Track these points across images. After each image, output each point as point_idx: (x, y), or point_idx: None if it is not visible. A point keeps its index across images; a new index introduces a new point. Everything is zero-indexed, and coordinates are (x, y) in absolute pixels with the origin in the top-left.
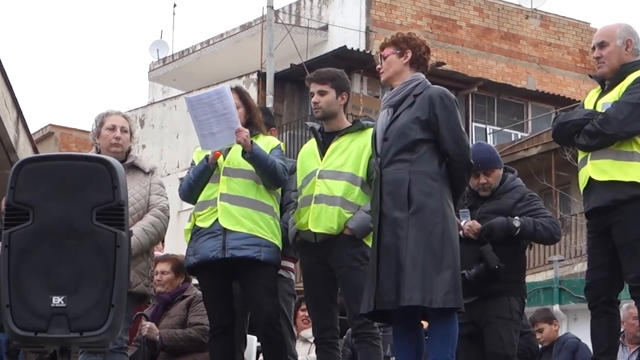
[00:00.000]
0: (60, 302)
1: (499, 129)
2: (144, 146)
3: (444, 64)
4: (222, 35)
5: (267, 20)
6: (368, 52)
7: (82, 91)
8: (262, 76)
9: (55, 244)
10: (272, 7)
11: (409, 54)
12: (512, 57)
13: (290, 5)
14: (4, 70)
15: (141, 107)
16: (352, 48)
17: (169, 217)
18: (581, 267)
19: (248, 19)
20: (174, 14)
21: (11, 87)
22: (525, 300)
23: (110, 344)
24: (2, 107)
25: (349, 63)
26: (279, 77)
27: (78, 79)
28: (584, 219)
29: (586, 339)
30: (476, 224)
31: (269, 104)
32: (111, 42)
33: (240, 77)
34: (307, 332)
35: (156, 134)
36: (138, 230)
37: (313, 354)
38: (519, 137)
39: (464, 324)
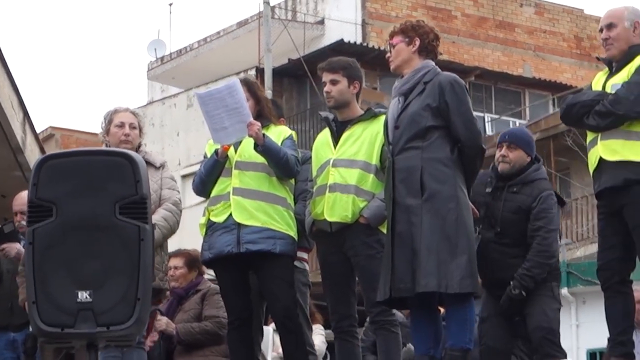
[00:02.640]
0: (86, 297)
1: (496, 117)
2: (145, 145)
3: (440, 54)
4: (219, 32)
5: (264, 16)
6: (365, 44)
7: (81, 93)
8: (260, 72)
9: (79, 240)
10: (269, 2)
11: (417, 42)
12: (507, 45)
13: (286, 1)
14: (9, 71)
15: (140, 106)
16: (349, 41)
17: (181, 211)
18: (584, 251)
19: (244, 16)
20: (170, 12)
21: (17, 88)
22: None
23: (137, 337)
24: (9, 108)
25: (346, 56)
26: (277, 72)
27: (77, 81)
28: (585, 203)
29: (595, 321)
30: None
31: None
32: (109, 42)
33: (238, 73)
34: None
35: (156, 132)
36: None
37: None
38: (517, 124)
39: (495, 303)
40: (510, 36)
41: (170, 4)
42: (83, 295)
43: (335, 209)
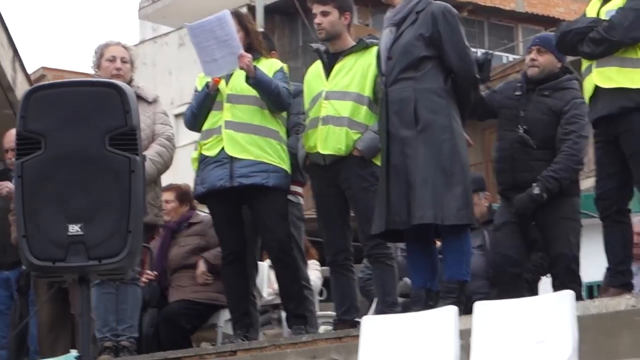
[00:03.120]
0: (77, 230)
1: (490, 52)
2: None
3: None
4: None
5: None
6: None
7: (73, 33)
8: (251, 9)
9: (68, 172)
10: None
11: None
12: None
13: None
14: None
15: (132, 45)
16: None
17: (174, 146)
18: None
19: None
20: None
21: (6, 26)
22: None
23: (129, 270)
24: None
25: None
26: (269, 10)
27: (68, 21)
28: None
29: (593, 254)
30: None
31: None
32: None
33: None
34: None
35: (148, 72)
36: None
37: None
38: (511, 59)
39: (511, 211)
40: None
41: None
42: (74, 229)
43: (328, 141)
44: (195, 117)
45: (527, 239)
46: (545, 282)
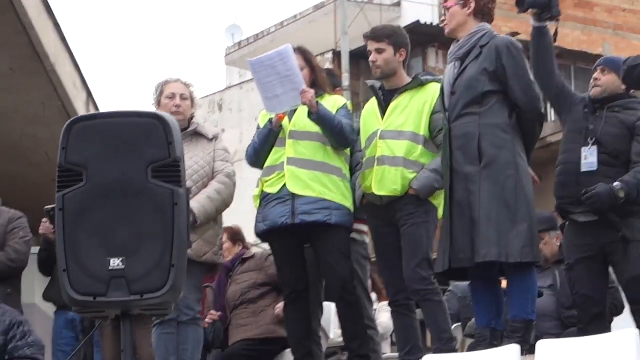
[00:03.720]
0: (118, 264)
1: None
2: (223, 130)
3: (519, 33)
4: (295, 16)
5: None
6: (442, 25)
7: (158, 77)
8: (337, 55)
9: (110, 205)
10: None
11: (473, 4)
12: (587, 24)
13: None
14: (71, 51)
15: (219, 91)
16: (426, 22)
17: (235, 184)
18: None
19: None
20: None
21: (79, 67)
22: None
23: (172, 306)
24: (72, 88)
25: (423, 38)
26: (354, 55)
27: (156, 67)
28: None
29: None
30: None
31: (346, 82)
32: (186, 28)
33: (315, 56)
34: None
35: (234, 117)
36: (203, 197)
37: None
38: None
39: (580, 245)
40: (589, 15)
41: None
42: (115, 262)
43: (384, 182)
44: (258, 154)
45: (604, 273)
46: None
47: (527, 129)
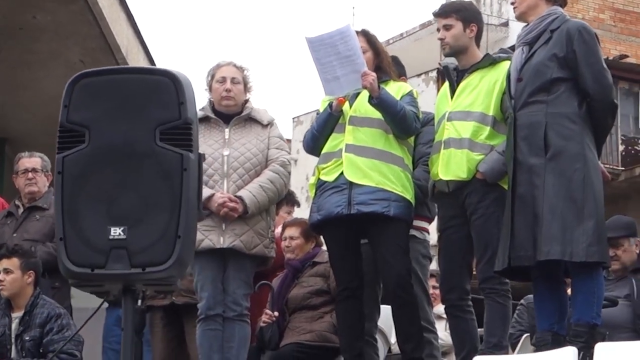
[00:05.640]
0: (119, 234)
1: None
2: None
3: (628, 56)
4: (401, 34)
5: None
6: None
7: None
8: (441, 73)
9: (113, 169)
10: None
11: None
12: None
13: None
14: (145, 44)
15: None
16: None
17: (289, 173)
18: None
19: (428, 17)
20: (353, 15)
21: (153, 60)
22: None
23: (178, 281)
24: None
25: None
26: None
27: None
28: None
29: None
30: None
31: None
32: (290, 47)
33: (419, 75)
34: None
35: None
36: (255, 187)
37: None
38: None
39: None
40: None
41: (354, 7)
42: (116, 232)
43: (449, 166)
44: (316, 140)
45: None
46: None
47: (598, 120)
